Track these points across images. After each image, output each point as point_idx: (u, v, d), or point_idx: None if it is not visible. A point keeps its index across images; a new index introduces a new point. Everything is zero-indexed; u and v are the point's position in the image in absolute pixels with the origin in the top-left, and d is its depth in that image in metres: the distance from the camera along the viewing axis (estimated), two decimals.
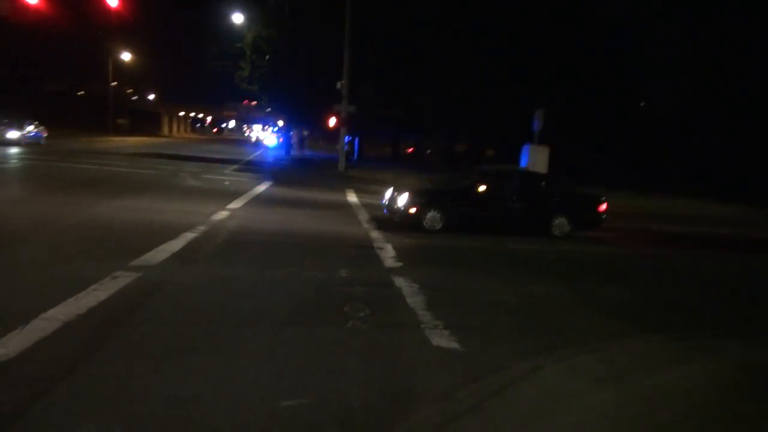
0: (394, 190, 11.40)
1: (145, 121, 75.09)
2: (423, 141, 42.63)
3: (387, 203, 11.56)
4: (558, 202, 11.57)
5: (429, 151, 43.12)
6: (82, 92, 60.89)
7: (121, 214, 9.98)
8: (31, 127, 28.05)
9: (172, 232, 8.42)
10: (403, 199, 10.80)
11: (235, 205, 12.33)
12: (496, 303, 6.24)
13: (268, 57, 32.42)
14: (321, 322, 5.15)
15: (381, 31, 25.52)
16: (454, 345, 4.77)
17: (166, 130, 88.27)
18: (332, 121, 24.62)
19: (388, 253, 8.38)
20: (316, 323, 5.10)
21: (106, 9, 21.18)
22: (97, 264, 6.29)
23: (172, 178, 18.17)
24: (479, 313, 5.88)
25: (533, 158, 20.20)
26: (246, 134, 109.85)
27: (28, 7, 21.64)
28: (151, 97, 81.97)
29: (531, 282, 7.47)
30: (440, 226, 10.67)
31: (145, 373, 3.79)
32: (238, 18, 33.36)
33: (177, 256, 7.09)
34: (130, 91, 69.52)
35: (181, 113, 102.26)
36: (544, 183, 12.11)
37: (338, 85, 24.13)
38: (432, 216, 10.66)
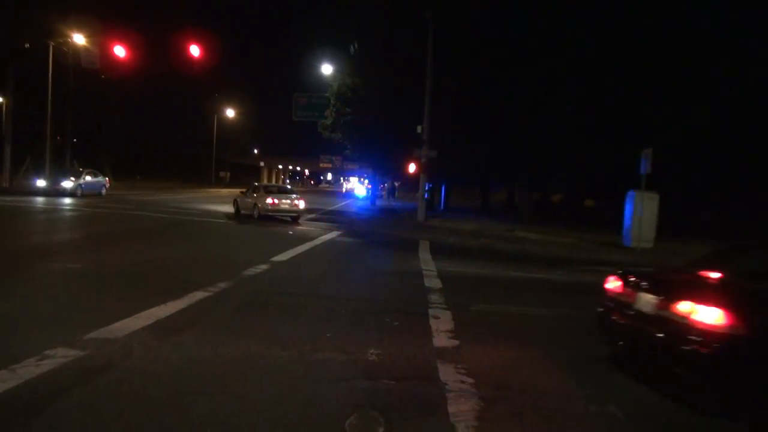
0: None
1: (245, 174, 78.44)
2: (515, 190, 39.85)
3: None
4: None
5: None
6: (188, 146, 64.69)
7: (136, 265, 8.81)
8: (88, 177, 26.39)
9: (181, 290, 6.96)
10: None
11: (283, 257, 10.83)
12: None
13: (352, 106, 31.90)
14: None
15: (466, 72, 23.77)
16: None
17: (265, 182, 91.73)
18: (412, 167, 23.08)
19: (442, 325, 6.33)
20: None
21: (192, 61, 21.40)
22: (42, 334, 4.83)
23: (236, 226, 17.34)
24: None
25: (639, 207, 17.29)
26: (342, 186, 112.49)
27: (118, 61, 22.33)
28: (255, 151, 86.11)
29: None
30: None
31: None
32: (327, 69, 33.39)
33: (159, 325, 5.51)
34: (231, 145, 73.10)
35: (280, 166, 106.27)
36: None
37: (419, 130, 22.73)
38: None
